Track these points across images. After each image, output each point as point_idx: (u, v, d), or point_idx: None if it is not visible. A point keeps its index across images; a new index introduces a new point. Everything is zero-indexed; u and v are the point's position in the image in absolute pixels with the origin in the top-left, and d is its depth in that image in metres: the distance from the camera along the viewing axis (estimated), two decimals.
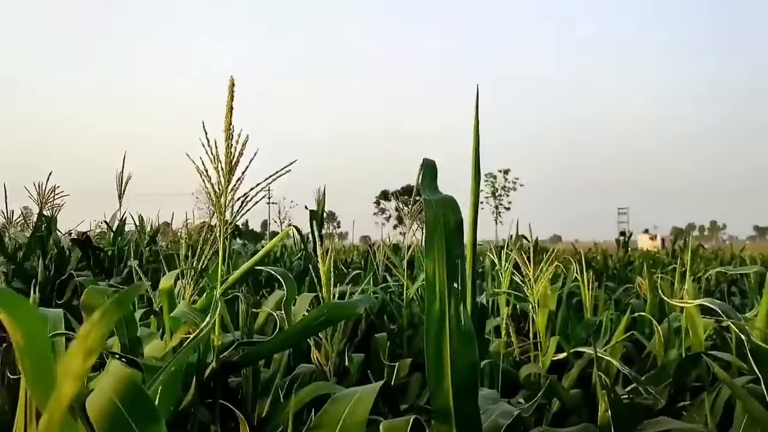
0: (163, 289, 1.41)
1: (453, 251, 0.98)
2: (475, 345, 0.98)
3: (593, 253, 12.86)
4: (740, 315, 2.48)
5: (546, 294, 2.77)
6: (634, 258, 12.55)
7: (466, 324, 0.98)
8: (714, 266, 9.79)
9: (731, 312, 1.56)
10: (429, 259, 0.99)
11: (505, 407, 1.24)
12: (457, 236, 0.98)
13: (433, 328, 0.98)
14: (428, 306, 0.98)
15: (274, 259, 7.05)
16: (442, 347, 0.98)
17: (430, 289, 0.99)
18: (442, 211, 0.99)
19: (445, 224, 0.99)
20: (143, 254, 4.88)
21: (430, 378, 0.99)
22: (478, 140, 1.06)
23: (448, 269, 0.98)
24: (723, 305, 1.57)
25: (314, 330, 1.27)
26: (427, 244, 0.99)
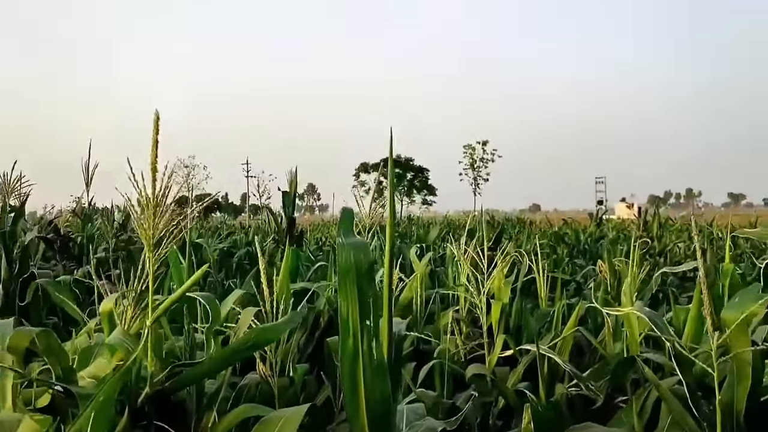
0: (103, 312, 1.44)
1: (365, 291, 1.03)
2: (387, 379, 1.04)
3: (567, 228, 13.02)
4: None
5: (500, 287, 2.85)
6: (606, 232, 12.73)
7: (379, 359, 1.03)
8: (683, 239, 9.97)
9: (658, 319, 1.63)
10: (342, 298, 1.04)
11: (430, 423, 1.30)
12: (368, 278, 1.03)
13: (347, 363, 1.03)
14: (342, 342, 1.04)
15: (246, 242, 7.08)
16: (357, 381, 1.03)
17: (344, 327, 1.03)
18: (354, 255, 1.04)
19: (357, 267, 1.03)
20: (114, 241, 4.89)
21: (347, 409, 1.05)
22: (394, 183, 1.10)
23: (361, 308, 1.03)
24: (651, 313, 1.64)
25: (243, 354, 1.32)
26: (340, 284, 1.04)
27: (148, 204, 1.24)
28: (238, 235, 7.90)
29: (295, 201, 7.58)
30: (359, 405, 1.03)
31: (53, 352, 1.35)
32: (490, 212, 43.02)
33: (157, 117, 1.23)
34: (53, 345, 1.38)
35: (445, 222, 23.14)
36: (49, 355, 1.31)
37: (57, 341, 1.34)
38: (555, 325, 2.64)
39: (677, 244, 8.60)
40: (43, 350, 1.38)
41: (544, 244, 9.46)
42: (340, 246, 1.06)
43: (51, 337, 1.41)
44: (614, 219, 32.08)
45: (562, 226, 13.92)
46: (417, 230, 13.32)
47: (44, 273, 3.19)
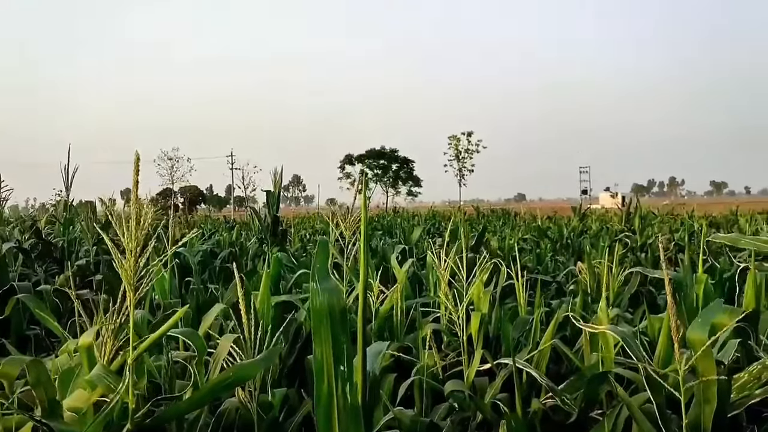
0: (81, 346, 1.46)
1: (338, 337, 1.06)
2: (360, 421, 1.07)
3: (550, 222, 13.13)
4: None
5: (479, 296, 2.89)
6: (589, 225, 12.84)
7: (353, 402, 1.06)
8: (664, 231, 10.08)
9: (630, 339, 1.67)
10: (317, 343, 1.07)
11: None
12: (342, 322, 1.06)
13: (322, 407, 1.06)
14: (317, 387, 1.06)
15: (229, 242, 7.08)
16: (332, 424, 1.06)
17: (318, 371, 1.06)
18: (328, 300, 1.07)
19: (331, 312, 1.06)
20: (95, 248, 4.86)
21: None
22: (367, 226, 1.12)
23: (335, 353, 1.06)
24: (624, 332, 1.68)
25: (221, 392, 1.34)
26: (314, 329, 1.07)
27: (130, 248, 1.25)
28: (221, 234, 7.89)
29: (279, 200, 7.59)
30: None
31: (41, 383, 1.37)
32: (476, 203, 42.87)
33: (137, 158, 1.25)
34: (42, 377, 1.41)
35: (431, 213, 23.22)
36: (37, 386, 1.33)
37: (46, 372, 1.36)
38: (533, 335, 2.69)
39: (658, 236, 8.72)
40: (32, 382, 1.40)
41: (528, 239, 9.56)
42: (314, 291, 1.08)
43: (41, 367, 1.42)
44: (598, 209, 32.33)
45: (545, 220, 14.03)
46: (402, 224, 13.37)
47: (24, 286, 3.17)
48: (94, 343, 1.44)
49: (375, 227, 12.37)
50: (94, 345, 1.44)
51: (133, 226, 1.24)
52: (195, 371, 1.53)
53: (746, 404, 1.82)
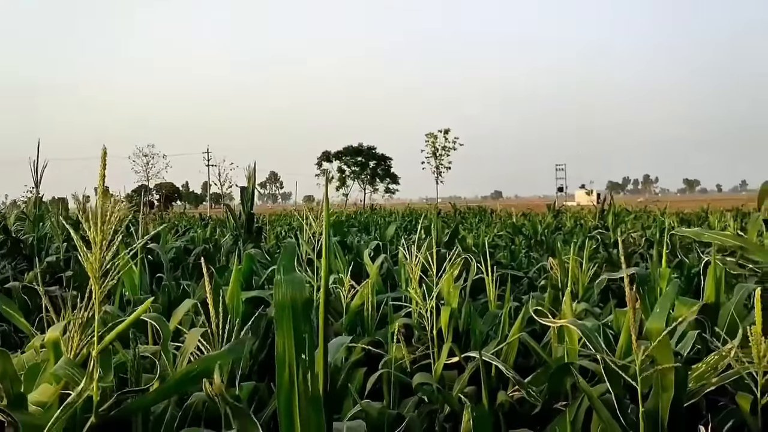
0: (48, 340, 1.46)
1: (300, 327, 1.08)
2: (321, 409, 1.09)
3: (525, 219, 13.25)
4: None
5: (449, 291, 2.93)
6: (564, 222, 12.99)
7: (314, 390, 1.08)
8: (636, 228, 10.23)
9: (592, 336, 1.71)
10: (279, 333, 1.09)
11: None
12: (304, 313, 1.08)
13: (283, 396, 1.08)
14: (279, 375, 1.09)
15: (203, 239, 7.05)
16: (293, 411, 1.08)
17: (280, 360, 1.09)
18: (290, 292, 1.09)
19: (293, 303, 1.08)
20: (65, 245, 4.81)
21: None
22: (329, 223, 1.15)
23: (296, 342, 1.08)
24: (584, 325, 1.73)
25: (187, 385, 1.36)
26: (276, 320, 1.09)
27: (95, 241, 1.26)
28: (196, 231, 7.85)
29: (253, 197, 7.57)
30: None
31: (7, 376, 1.37)
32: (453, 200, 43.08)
33: (104, 153, 1.25)
34: (8, 370, 1.41)
35: (408, 211, 23.25)
36: (3, 378, 1.33)
37: (12, 365, 1.36)
38: (502, 328, 2.73)
39: (631, 234, 8.86)
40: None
41: (503, 235, 9.65)
42: (277, 282, 1.10)
43: (6, 360, 1.42)
44: (574, 206, 32.64)
45: (520, 217, 14.16)
46: (378, 221, 13.42)
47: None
48: (61, 338, 1.45)
49: (352, 224, 12.38)
50: (61, 340, 1.45)
51: (99, 219, 1.24)
52: (162, 364, 1.54)
53: (703, 393, 1.88)
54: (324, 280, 1.12)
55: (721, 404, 1.98)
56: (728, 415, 1.88)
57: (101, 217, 1.24)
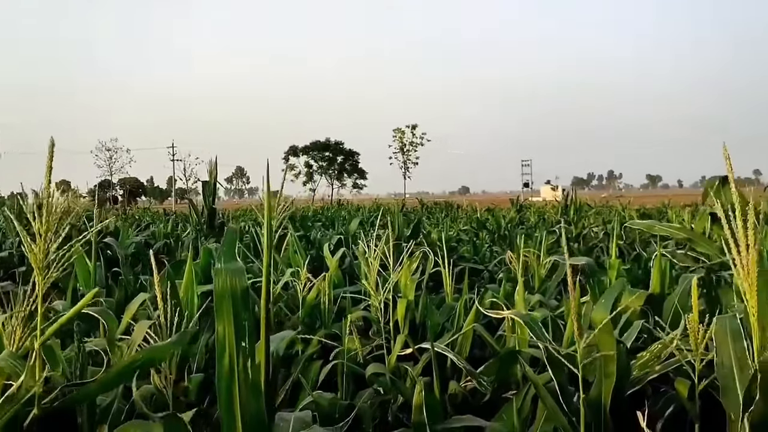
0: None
1: (240, 314, 1.09)
2: (261, 395, 1.11)
3: (489, 214, 13.38)
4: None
5: (406, 284, 2.96)
6: (528, 217, 13.16)
7: (254, 377, 1.10)
8: (597, 223, 10.42)
9: (535, 326, 1.76)
10: (219, 321, 1.10)
11: (315, 431, 1.38)
12: (244, 301, 1.10)
13: (223, 380, 1.09)
14: (218, 361, 1.10)
15: (165, 234, 6.97)
16: (233, 397, 1.09)
17: (220, 347, 1.10)
18: (230, 280, 1.10)
19: (233, 291, 1.09)
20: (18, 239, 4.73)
21: (223, 425, 1.11)
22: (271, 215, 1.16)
23: (236, 329, 1.09)
24: (524, 315, 1.77)
25: (131, 375, 1.36)
26: (216, 307, 1.10)
27: (40, 232, 1.25)
28: (157, 226, 7.76)
29: (215, 191, 7.51)
30: (235, 420, 1.10)
31: None
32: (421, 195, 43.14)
33: (52, 144, 1.25)
34: None
35: (375, 206, 23.26)
36: None
37: None
38: (457, 320, 2.77)
39: (592, 228, 9.03)
40: None
41: (468, 230, 9.73)
42: (217, 271, 1.11)
43: None
44: (539, 201, 33.02)
45: (484, 212, 14.31)
46: (344, 216, 13.40)
47: None
48: (3, 332, 1.43)
49: (317, 219, 12.36)
50: (3, 333, 1.43)
51: (45, 210, 1.24)
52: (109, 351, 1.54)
53: (646, 380, 1.94)
54: (266, 269, 1.13)
55: (663, 390, 2.05)
56: (668, 401, 1.95)
57: (47, 208, 1.23)
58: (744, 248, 1.43)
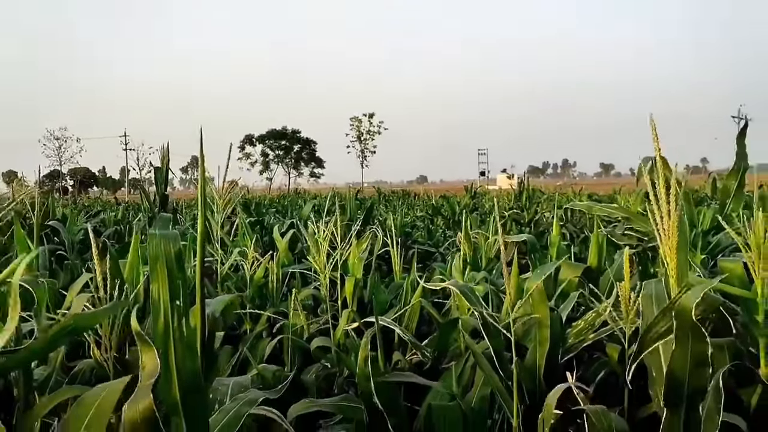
0: None
1: (174, 275, 1.11)
2: (197, 354, 1.13)
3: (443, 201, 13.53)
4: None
5: (354, 263, 3.00)
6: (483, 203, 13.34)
7: (189, 336, 1.12)
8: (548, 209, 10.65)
9: (469, 291, 1.81)
10: (154, 282, 1.11)
11: (253, 394, 1.41)
12: (178, 262, 1.11)
13: (159, 341, 1.11)
14: (154, 321, 1.11)
15: (115, 221, 6.86)
16: (168, 357, 1.11)
17: (155, 308, 1.11)
18: (164, 244, 1.12)
19: (166, 253, 1.11)
20: None
21: (161, 385, 1.13)
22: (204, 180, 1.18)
23: (171, 290, 1.11)
24: (465, 288, 1.82)
25: (60, 341, 1.36)
26: (151, 269, 1.11)
27: None
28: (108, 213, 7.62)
29: (167, 177, 7.40)
30: (171, 379, 1.12)
31: None
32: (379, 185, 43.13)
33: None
34: None
35: (331, 194, 23.17)
36: None
37: None
38: (405, 297, 2.82)
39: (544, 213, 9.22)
40: None
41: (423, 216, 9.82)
42: (151, 236, 1.13)
43: None
44: (496, 189, 33.36)
45: (439, 198, 14.44)
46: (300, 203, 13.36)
47: None
48: None
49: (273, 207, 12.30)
50: None
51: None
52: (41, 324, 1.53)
53: (580, 348, 2.03)
54: (200, 235, 1.15)
55: (596, 356, 2.13)
56: (601, 365, 2.03)
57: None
58: (666, 214, 1.51)
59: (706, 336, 1.36)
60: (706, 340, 1.36)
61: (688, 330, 1.36)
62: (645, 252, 2.96)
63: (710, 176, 8.71)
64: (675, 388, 1.41)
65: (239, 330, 2.82)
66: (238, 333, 2.75)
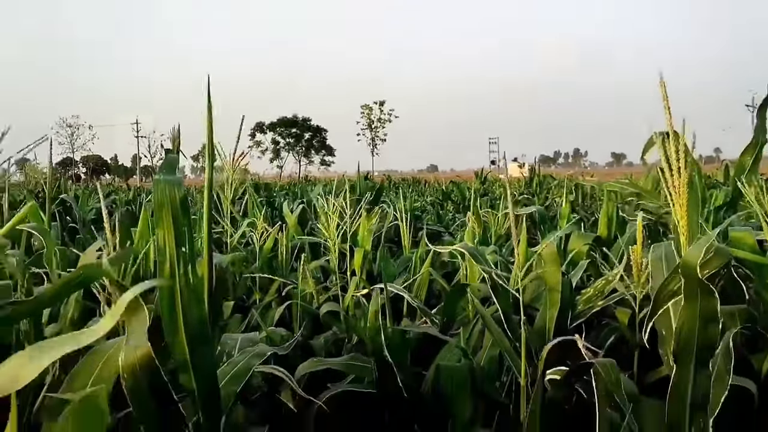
0: None
1: (179, 222, 1.11)
2: (204, 300, 1.13)
3: (453, 186, 13.50)
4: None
5: (363, 235, 3.00)
6: (493, 189, 13.31)
7: (195, 283, 1.12)
8: (559, 194, 10.61)
9: (478, 253, 1.81)
10: (159, 228, 1.11)
11: (261, 348, 1.41)
12: (183, 209, 1.11)
13: (165, 287, 1.11)
14: (159, 267, 1.11)
15: (126, 201, 6.89)
16: (174, 303, 1.11)
17: (161, 254, 1.11)
18: (168, 189, 1.11)
19: (171, 200, 1.11)
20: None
21: (166, 332, 1.13)
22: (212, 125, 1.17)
23: (176, 237, 1.11)
24: (474, 250, 1.82)
25: (70, 291, 1.36)
26: (156, 216, 1.11)
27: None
28: (118, 195, 7.67)
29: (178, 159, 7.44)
30: (178, 326, 1.12)
31: None
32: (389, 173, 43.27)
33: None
34: None
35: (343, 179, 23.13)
36: None
37: None
38: (414, 269, 2.82)
39: (555, 198, 9.19)
40: None
41: (434, 201, 9.79)
42: (156, 182, 1.12)
43: None
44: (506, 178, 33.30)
45: (449, 184, 14.41)
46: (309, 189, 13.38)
47: None
48: None
49: (283, 192, 12.33)
50: None
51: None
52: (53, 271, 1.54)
53: (589, 314, 2.02)
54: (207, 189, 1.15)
55: (604, 322, 2.13)
56: (611, 331, 2.02)
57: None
58: (676, 171, 1.49)
59: (714, 292, 1.34)
60: (714, 296, 1.34)
61: (697, 286, 1.34)
62: (656, 226, 2.94)
63: (723, 163, 8.64)
64: (685, 344, 1.39)
65: (248, 301, 2.83)
66: (248, 304, 2.76)
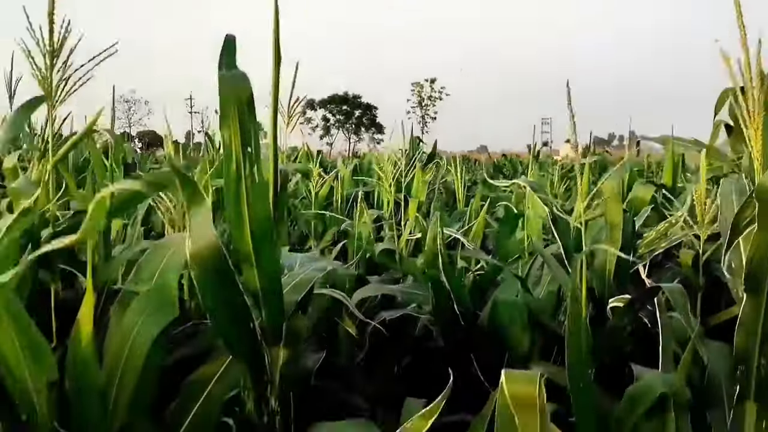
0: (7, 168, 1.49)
1: (245, 121, 1.11)
2: (269, 199, 1.14)
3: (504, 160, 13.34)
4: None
5: (418, 187, 2.99)
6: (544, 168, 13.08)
7: (261, 181, 1.13)
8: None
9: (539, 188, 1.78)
10: (224, 128, 1.12)
11: (321, 263, 1.42)
12: (248, 108, 1.12)
13: (231, 185, 1.12)
14: (225, 168, 1.12)
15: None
16: (240, 201, 1.13)
17: (227, 154, 1.12)
18: (234, 87, 1.12)
19: (238, 98, 1.11)
20: None
21: (232, 230, 1.15)
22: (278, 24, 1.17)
23: (242, 136, 1.11)
24: (534, 184, 1.79)
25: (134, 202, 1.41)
26: (221, 114, 1.12)
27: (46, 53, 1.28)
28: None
29: None
30: (243, 223, 1.13)
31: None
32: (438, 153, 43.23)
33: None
34: None
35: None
36: None
37: None
38: (468, 219, 2.80)
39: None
40: None
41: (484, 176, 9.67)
42: (221, 77, 1.12)
43: None
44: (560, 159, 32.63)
45: (501, 158, 14.26)
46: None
47: None
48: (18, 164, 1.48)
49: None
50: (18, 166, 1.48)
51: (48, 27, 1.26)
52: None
53: (652, 256, 1.97)
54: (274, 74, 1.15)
55: (668, 266, 2.07)
56: (673, 275, 1.97)
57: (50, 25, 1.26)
58: (750, 94, 1.42)
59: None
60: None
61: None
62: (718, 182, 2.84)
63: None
64: (756, 273, 1.34)
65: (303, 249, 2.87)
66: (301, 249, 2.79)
